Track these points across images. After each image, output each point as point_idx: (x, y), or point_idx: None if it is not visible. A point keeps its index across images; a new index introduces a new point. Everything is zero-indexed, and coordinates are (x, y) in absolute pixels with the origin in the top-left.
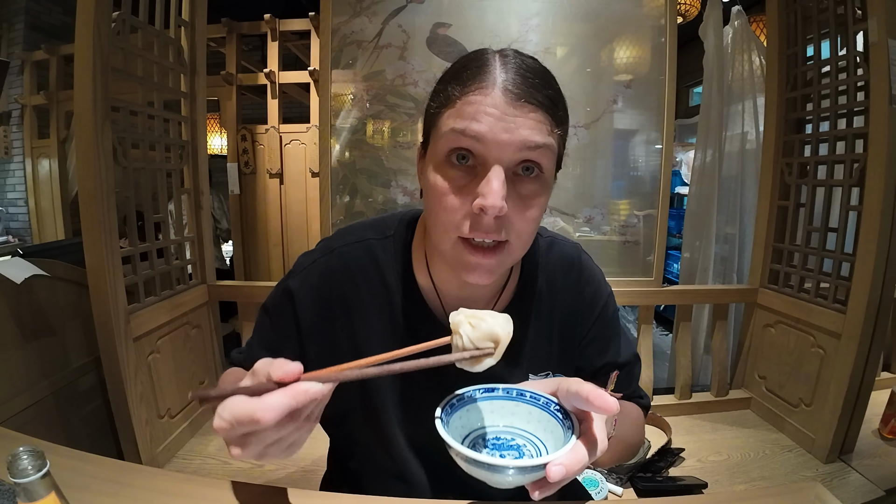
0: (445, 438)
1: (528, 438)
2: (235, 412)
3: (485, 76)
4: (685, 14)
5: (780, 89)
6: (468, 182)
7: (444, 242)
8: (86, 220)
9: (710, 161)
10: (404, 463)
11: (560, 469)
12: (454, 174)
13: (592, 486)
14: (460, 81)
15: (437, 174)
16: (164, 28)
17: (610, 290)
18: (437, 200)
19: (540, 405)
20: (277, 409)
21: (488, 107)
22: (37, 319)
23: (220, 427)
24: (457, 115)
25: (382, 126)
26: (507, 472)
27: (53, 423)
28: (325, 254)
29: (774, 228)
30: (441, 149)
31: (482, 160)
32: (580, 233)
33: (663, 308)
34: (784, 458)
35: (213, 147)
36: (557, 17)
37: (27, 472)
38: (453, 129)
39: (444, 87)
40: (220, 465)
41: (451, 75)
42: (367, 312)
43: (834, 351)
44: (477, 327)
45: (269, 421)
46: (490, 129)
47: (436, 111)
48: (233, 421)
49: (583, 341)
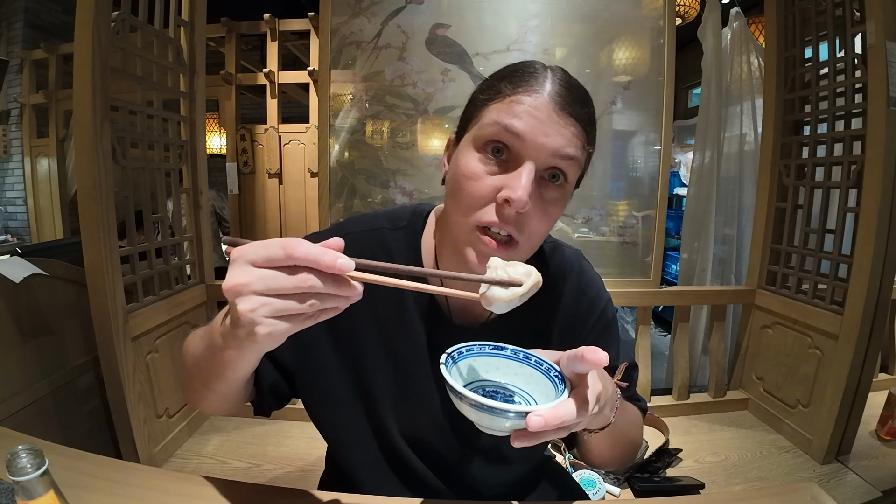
0: (448, 380)
1: (524, 397)
2: (265, 242)
3: (536, 81)
4: (684, 15)
5: (778, 91)
6: (497, 172)
7: (460, 226)
8: (84, 220)
9: (708, 162)
10: (398, 454)
11: (539, 419)
12: (488, 162)
13: (590, 486)
14: (512, 81)
15: (471, 158)
16: (163, 28)
17: (608, 297)
18: (465, 182)
19: (542, 370)
20: (307, 249)
21: (534, 108)
22: (35, 318)
23: (241, 250)
24: (503, 109)
25: (381, 126)
26: (507, 415)
27: (52, 422)
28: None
29: (772, 230)
30: (481, 136)
31: (516, 156)
32: (579, 234)
33: (662, 309)
34: (781, 459)
35: (213, 147)
36: (556, 19)
37: (26, 470)
38: (497, 121)
39: (495, 82)
40: (217, 464)
41: (504, 74)
42: (374, 300)
43: (831, 352)
44: (514, 266)
45: (295, 252)
46: (531, 130)
47: (482, 102)
48: (260, 245)
49: (581, 345)
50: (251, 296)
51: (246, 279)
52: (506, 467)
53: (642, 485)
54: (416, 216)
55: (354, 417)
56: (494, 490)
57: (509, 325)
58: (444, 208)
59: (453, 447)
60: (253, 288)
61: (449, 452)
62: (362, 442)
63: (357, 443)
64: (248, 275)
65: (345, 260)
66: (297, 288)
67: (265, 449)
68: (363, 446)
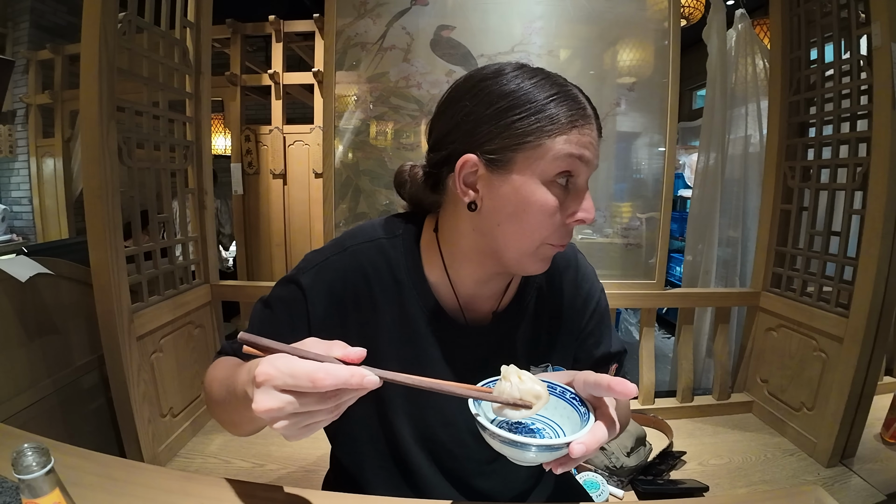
0: (480, 420)
1: (546, 422)
2: (293, 366)
3: (584, 109)
4: (689, 17)
5: (783, 93)
6: (564, 199)
7: (527, 248)
8: (90, 219)
9: (713, 164)
10: (407, 453)
11: (581, 447)
12: (558, 192)
13: (593, 488)
14: (563, 105)
15: (544, 192)
16: (169, 29)
17: (602, 287)
18: (541, 217)
19: (556, 393)
20: (336, 378)
21: (592, 138)
22: (41, 317)
23: (268, 374)
24: (573, 142)
25: (386, 128)
26: (531, 450)
27: (56, 421)
28: (338, 252)
29: (777, 232)
30: (552, 168)
31: (579, 181)
32: (582, 235)
33: (665, 311)
34: (785, 462)
35: (217, 147)
36: (561, 20)
37: (32, 468)
38: (571, 153)
39: (540, 105)
40: (221, 463)
41: (545, 94)
42: (379, 308)
43: (836, 355)
44: (525, 382)
45: (324, 385)
46: (594, 158)
47: (533, 129)
48: (287, 373)
49: (581, 335)
50: (285, 418)
51: (277, 404)
52: (514, 471)
53: (646, 487)
54: (409, 223)
55: (365, 420)
56: (501, 493)
57: (514, 320)
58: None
59: (464, 450)
60: (286, 412)
61: (459, 455)
62: (372, 444)
63: (366, 444)
64: (278, 400)
65: (371, 377)
66: (326, 410)
67: (269, 448)
68: (372, 448)
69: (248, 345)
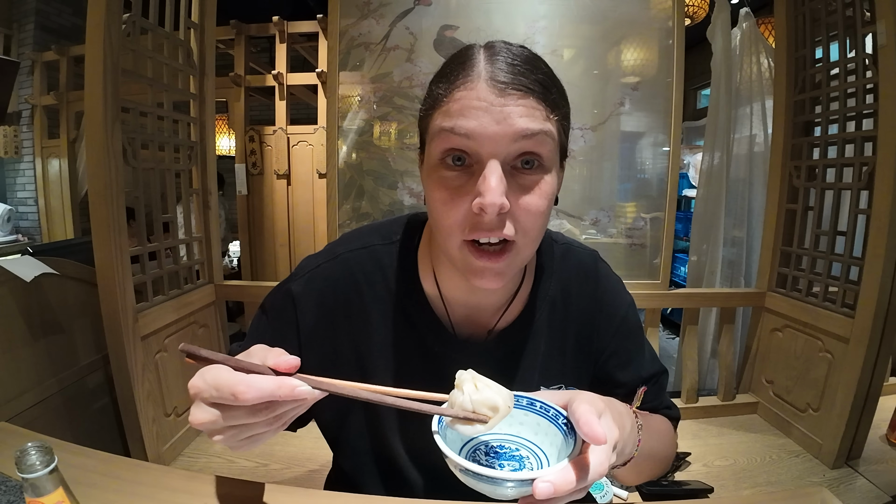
0: (443, 449)
1: (532, 450)
2: (218, 379)
3: (469, 70)
4: (693, 16)
5: (788, 92)
6: (465, 182)
7: (450, 248)
8: (95, 220)
9: (717, 164)
10: (403, 470)
11: (548, 486)
12: (451, 176)
13: (597, 489)
14: (446, 80)
15: (434, 178)
16: (173, 30)
17: (631, 300)
18: (437, 205)
19: (549, 417)
20: (259, 391)
21: (475, 100)
22: (45, 317)
23: (196, 387)
24: (445, 114)
25: (389, 128)
26: (506, 485)
27: (61, 421)
28: (330, 259)
29: (782, 232)
30: (435, 151)
31: (477, 158)
32: (586, 235)
33: (670, 312)
34: (791, 464)
35: (222, 148)
36: (564, 20)
37: (35, 467)
38: (442, 128)
39: (432, 88)
40: (225, 463)
41: (438, 76)
42: (371, 320)
43: (842, 355)
44: (481, 391)
45: (246, 399)
46: (479, 124)
47: (426, 114)
48: (212, 386)
49: (602, 355)
50: (220, 432)
51: (208, 418)
52: None
53: (650, 489)
54: (410, 227)
55: (362, 433)
56: None
57: (517, 335)
58: (432, 228)
59: None
60: (219, 425)
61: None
62: (369, 456)
63: (364, 456)
64: (209, 413)
65: (303, 388)
66: (263, 423)
67: (272, 448)
68: (370, 460)
69: (188, 355)
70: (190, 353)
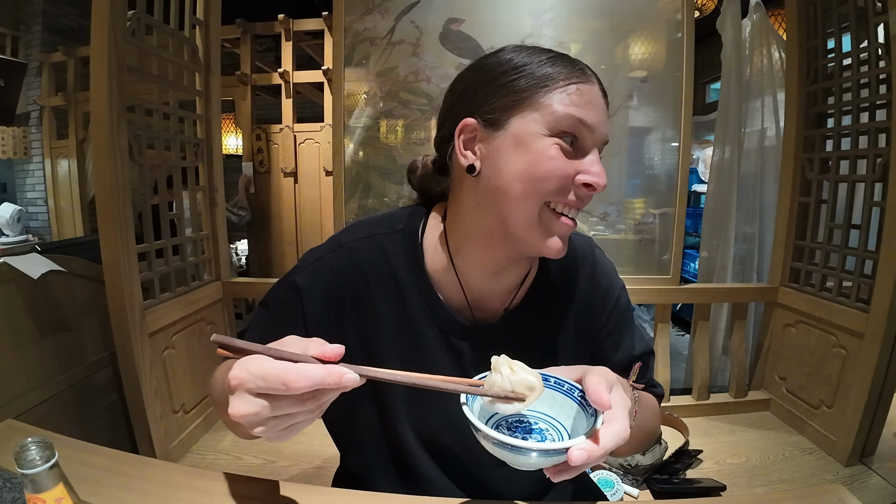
0: (471, 419)
1: (550, 423)
2: (264, 368)
3: (584, 68)
4: (702, 8)
5: (800, 83)
6: (568, 161)
7: (528, 212)
8: (102, 217)
9: (728, 158)
10: (412, 458)
11: (582, 453)
12: (565, 149)
13: (608, 486)
14: (560, 65)
15: (549, 144)
16: (178, 27)
17: (622, 284)
18: (550, 166)
19: (564, 391)
20: (310, 378)
21: (597, 98)
22: (53, 315)
23: (240, 378)
24: (569, 100)
25: (396, 124)
26: (531, 455)
27: (69, 418)
28: (335, 249)
29: (795, 226)
30: (556, 126)
31: (584, 144)
32: (595, 231)
33: (680, 308)
34: (804, 461)
35: (229, 147)
36: (571, 13)
37: (35, 462)
38: (572, 115)
39: (535, 66)
40: (233, 460)
41: (540, 58)
42: (378, 308)
43: (856, 351)
44: (517, 373)
45: (297, 388)
46: (598, 121)
47: (529, 86)
48: (258, 376)
49: (598, 335)
50: (262, 423)
51: (253, 409)
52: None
53: (661, 486)
54: (412, 217)
55: (369, 425)
56: (510, 493)
57: (527, 318)
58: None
59: (468, 451)
60: (262, 416)
61: (464, 456)
62: (376, 449)
63: (371, 449)
64: (253, 405)
65: (350, 375)
66: (306, 412)
67: (280, 445)
68: (378, 453)
69: (220, 346)
70: (223, 344)
